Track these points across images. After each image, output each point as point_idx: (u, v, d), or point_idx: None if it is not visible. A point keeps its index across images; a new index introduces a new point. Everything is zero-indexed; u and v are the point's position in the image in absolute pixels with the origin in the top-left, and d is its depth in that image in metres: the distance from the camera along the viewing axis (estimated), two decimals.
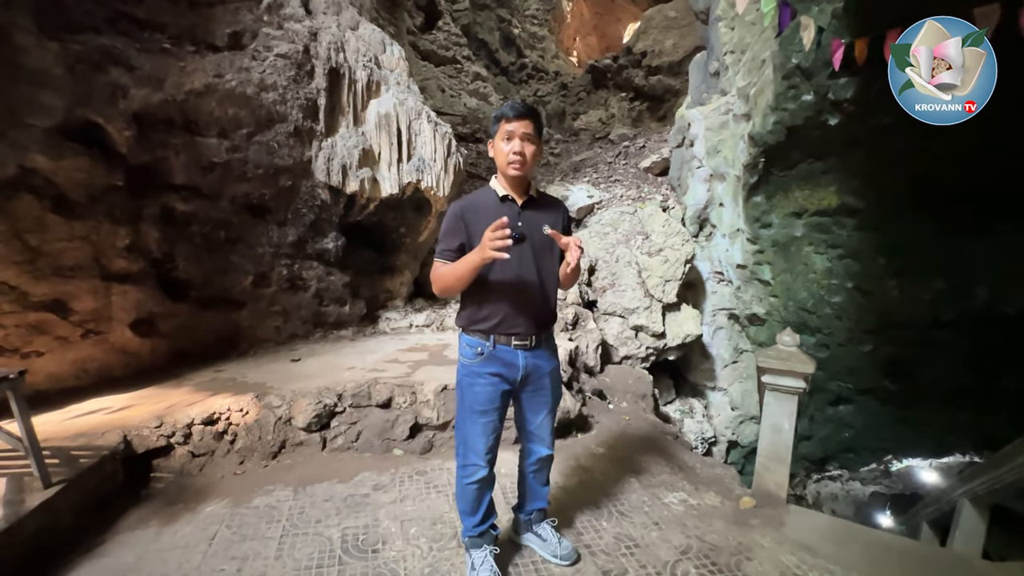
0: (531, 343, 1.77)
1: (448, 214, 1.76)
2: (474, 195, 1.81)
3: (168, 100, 3.07)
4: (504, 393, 1.80)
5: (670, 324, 5.30)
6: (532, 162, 1.70)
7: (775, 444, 2.66)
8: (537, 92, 13.49)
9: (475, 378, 1.78)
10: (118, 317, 3.24)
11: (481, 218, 1.68)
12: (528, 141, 1.66)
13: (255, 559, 2.12)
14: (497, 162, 1.73)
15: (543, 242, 1.73)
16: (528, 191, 1.77)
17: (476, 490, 1.87)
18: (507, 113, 1.66)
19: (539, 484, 2.06)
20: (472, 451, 1.83)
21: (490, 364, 1.76)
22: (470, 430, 1.82)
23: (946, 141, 3.76)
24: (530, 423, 1.93)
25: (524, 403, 1.90)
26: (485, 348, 1.75)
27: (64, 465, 2.33)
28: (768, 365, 2.58)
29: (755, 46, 5.38)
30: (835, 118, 4.31)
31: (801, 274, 5.26)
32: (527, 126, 1.66)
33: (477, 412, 1.79)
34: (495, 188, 1.76)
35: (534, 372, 1.82)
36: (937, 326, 4.68)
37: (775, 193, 5.23)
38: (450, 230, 1.73)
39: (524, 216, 1.73)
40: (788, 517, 2.49)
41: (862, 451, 5.83)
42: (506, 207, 1.72)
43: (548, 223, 1.73)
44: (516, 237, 1.65)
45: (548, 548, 2.06)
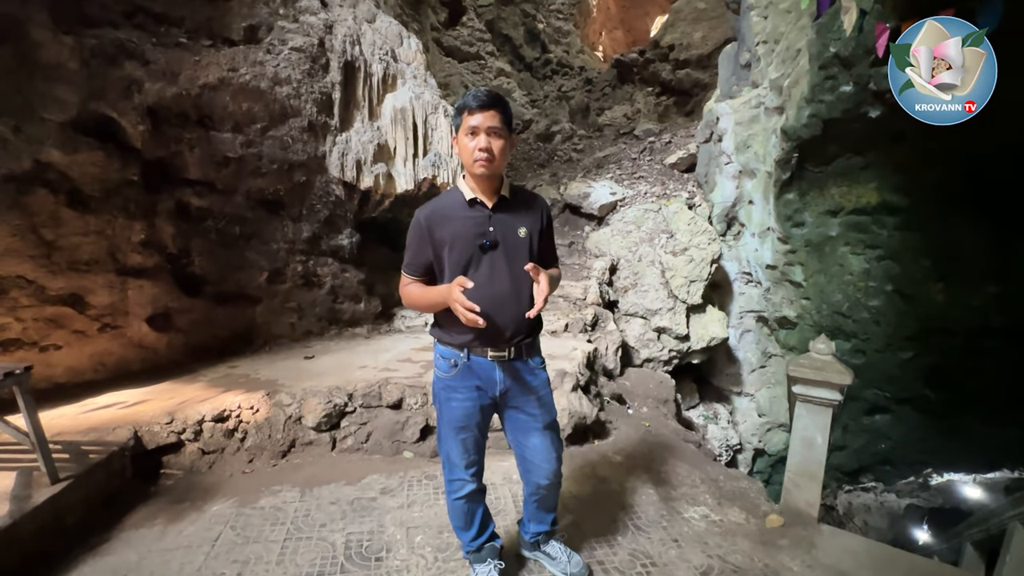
0: (509, 355, 1.60)
1: (412, 223, 1.60)
2: (440, 199, 1.63)
3: (182, 94, 3.05)
4: (484, 407, 1.67)
5: (694, 326, 5.10)
6: (501, 158, 1.50)
7: (806, 460, 2.48)
8: (561, 87, 13.30)
9: (451, 392, 1.65)
10: (134, 312, 3.26)
11: (447, 225, 1.53)
12: (495, 135, 1.46)
13: (256, 563, 2.07)
14: (463, 160, 1.54)
15: (519, 245, 1.57)
16: (499, 191, 1.58)
17: (465, 504, 1.77)
18: (469, 104, 1.46)
19: (542, 510, 1.89)
20: (455, 467, 1.72)
21: (466, 378, 1.62)
22: (451, 447, 1.70)
23: (1000, 134, 3.46)
24: (521, 447, 1.75)
25: (509, 423, 1.74)
26: (459, 360, 1.61)
27: (73, 460, 2.32)
28: (800, 375, 2.39)
29: (790, 35, 5.12)
30: (876, 110, 4.04)
31: (836, 276, 4.99)
32: (493, 118, 1.45)
33: (456, 428, 1.67)
34: (462, 190, 1.57)
35: (515, 387, 1.65)
36: (987, 333, 4.37)
37: (809, 190, 4.97)
38: (413, 244, 1.58)
39: (496, 220, 1.55)
40: (819, 539, 2.31)
41: (899, 463, 5.51)
42: (475, 211, 1.55)
43: (525, 224, 1.58)
44: (487, 244, 1.53)
45: (558, 566, 1.93)
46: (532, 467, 1.76)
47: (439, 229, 1.54)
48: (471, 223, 1.54)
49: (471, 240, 1.52)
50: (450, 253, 1.54)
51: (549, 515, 1.91)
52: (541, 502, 1.85)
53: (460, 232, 1.53)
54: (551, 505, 1.89)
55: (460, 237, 1.53)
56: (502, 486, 2.64)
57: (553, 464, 1.75)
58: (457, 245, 1.53)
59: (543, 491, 1.80)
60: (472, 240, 1.52)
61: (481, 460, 1.77)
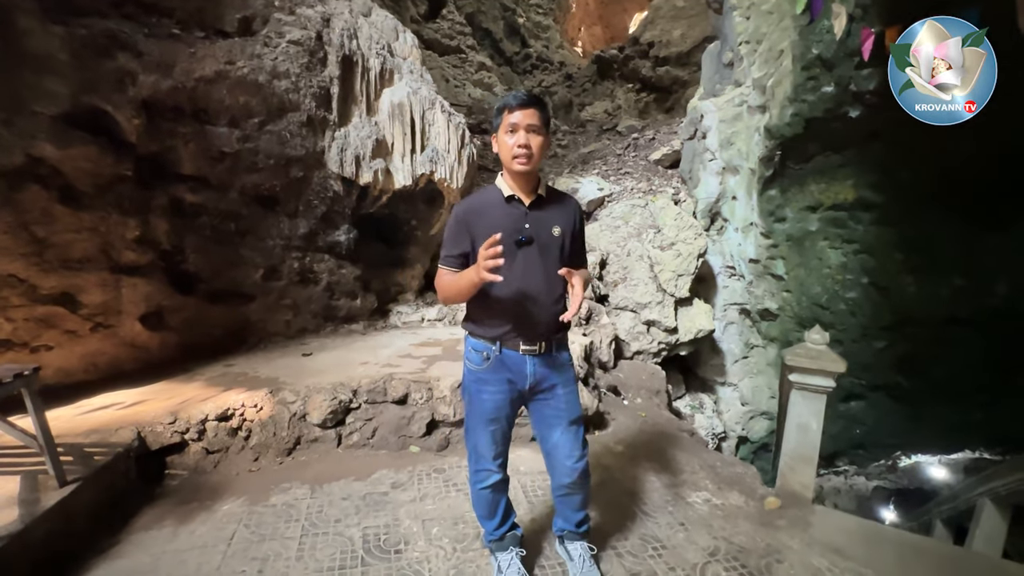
0: (540, 349, 1.65)
1: (450, 218, 1.65)
2: (478, 195, 1.69)
3: (178, 87, 2.97)
4: (513, 400, 1.71)
5: (682, 319, 5.25)
6: (539, 155, 1.56)
7: (802, 444, 2.62)
8: (542, 82, 13.33)
9: (482, 385, 1.69)
10: (127, 310, 3.18)
11: (485, 220, 1.58)
12: (534, 132, 1.52)
13: (276, 560, 2.08)
14: (501, 157, 1.58)
15: (552, 243, 1.62)
16: (536, 189, 1.63)
17: (491, 494, 1.81)
18: (510, 103, 1.53)
19: (569, 509, 1.90)
20: (483, 458, 1.77)
21: (497, 371, 1.66)
22: (479, 438, 1.74)
23: (975, 135, 3.67)
24: (546, 441, 1.79)
25: (535, 415, 1.78)
26: (492, 353, 1.66)
27: (78, 463, 2.27)
28: (797, 363, 2.52)
29: (772, 36, 5.27)
30: (856, 110, 4.23)
31: (815, 269, 5.20)
32: (533, 116, 1.51)
33: (486, 421, 1.71)
34: (500, 187, 1.62)
35: (544, 380, 1.70)
36: (954, 323, 4.63)
37: (790, 187, 5.16)
38: (452, 236, 1.63)
39: (532, 217, 1.60)
40: (814, 518, 2.45)
41: (872, 447, 5.81)
42: (512, 208, 1.60)
43: (559, 223, 1.63)
44: (523, 240, 1.58)
45: (573, 570, 1.92)
46: (556, 464, 1.79)
47: (477, 224, 1.59)
48: (508, 219, 1.58)
49: (507, 235, 1.55)
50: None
51: (575, 515, 1.90)
52: (566, 500, 1.87)
53: (497, 226, 1.56)
54: (577, 505, 1.88)
55: (497, 231, 1.54)
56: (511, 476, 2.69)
57: (576, 462, 1.75)
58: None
59: (566, 489, 1.82)
60: (508, 236, 1.56)
61: (507, 451, 1.81)
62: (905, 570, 2.06)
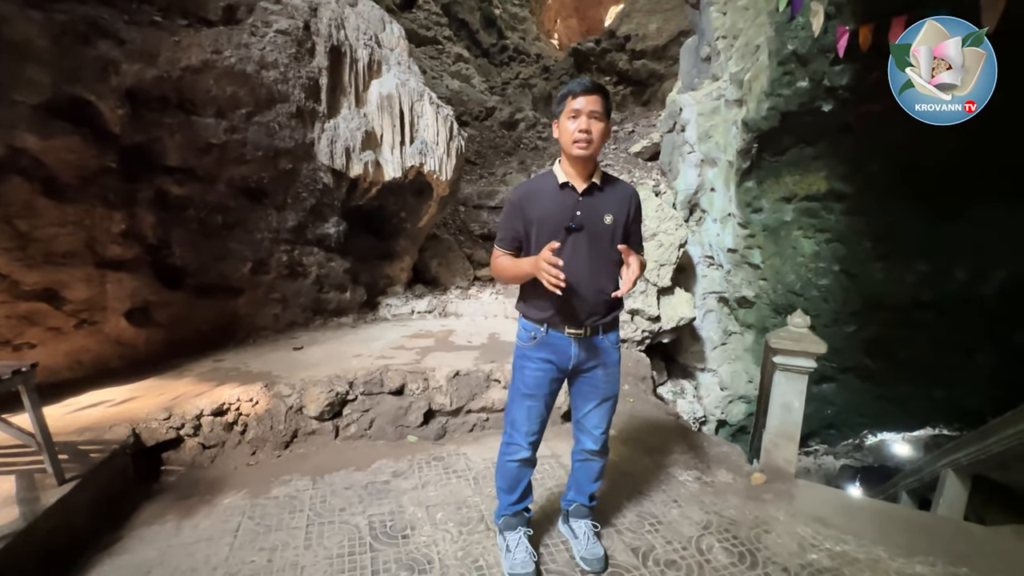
0: (585, 332, 1.73)
1: (508, 202, 1.73)
2: (533, 181, 1.75)
3: (163, 77, 2.90)
4: (553, 380, 1.79)
5: (665, 308, 5.40)
6: (600, 141, 1.60)
7: (785, 422, 2.76)
8: (519, 75, 13.33)
9: (526, 361, 1.78)
10: (112, 306, 3.10)
11: (538, 205, 1.66)
12: (596, 119, 1.57)
13: (284, 549, 2.10)
14: (562, 142, 1.64)
15: (602, 231, 1.66)
16: (591, 176, 1.67)
17: (516, 468, 1.88)
18: (574, 89, 1.58)
19: (585, 479, 2.00)
20: (517, 431, 1.84)
21: (541, 349, 1.75)
22: (516, 411, 1.83)
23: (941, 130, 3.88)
24: (578, 410, 1.90)
25: (574, 390, 1.89)
26: (538, 333, 1.74)
27: (74, 460, 2.24)
28: (780, 346, 2.66)
29: (748, 31, 5.42)
30: (829, 104, 4.41)
31: (790, 258, 5.42)
32: (596, 103, 1.56)
33: (524, 395, 1.80)
34: (556, 174, 1.68)
35: (586, 361, 1.78)
36: (918, 307, 4.91)
37: (766, 178, 5.34)
38: (507, 219, 1.72)
39: (583, 204, 1.65)
40: (798, 491, 2.60)
41: (843, 427, 6.11)
42: (565, 195, 1.66)
43: (611, 211, 1.67)
44: (573, 227, 1.64)
45: (577, 547, 2.00)
46: (583, 429, 1.90)
47: (531, 208, 1.66)
48: (560, 205, 1.64)
49: (558, 221, 1.63)
50: (538, 231, 1.65)
51: (590, 487, 2.00)
52: (585, 468, 1.98)
53: (549, 212, 1.64)
54: (594, 475, 1.98)
55: (549, 217, 1.64)
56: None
57: (602, 432, 1.89)
58: (546, 224, 1.64)
59: (588, 455, 1.94)
60: (559, 221, 1.63)
61: (541, 433, 1.87)
62: (882, 534, 2.22)
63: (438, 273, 5.05)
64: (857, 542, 2.16)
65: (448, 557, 2.04)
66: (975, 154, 4.01)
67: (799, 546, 2.14)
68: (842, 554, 2.09)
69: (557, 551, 2.08)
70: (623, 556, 2.05)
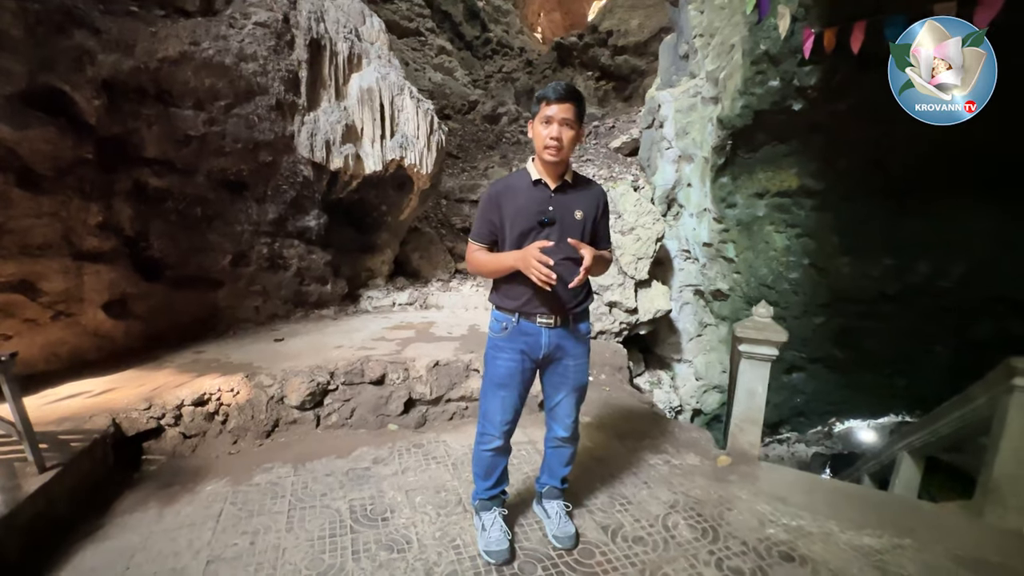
0: (556, 322, 1.79)
1: (484, 196, 1.79)
2: (509, 177, 1.82)
3: (140, 68, 2.88)
4: (525, 370, 1.85)
5: (642, 300, 5.54)
6: (569, 148, 1.67)
7: (749, 408, 2.90)
8: (502, 68, 13.33)
9: (498, 352, 1.84)
10: (90, 298, 3.10)
11: (513, 200, 1.73)
12: (567, 126, 1.63)
13: (266, 532, 2.16)
14: (535, 145, 1.71)
15: (572, 227, 1.73)
16: (563, 175, 1.75)
17: (491, 457, 1.95)
18: (548, 95, 1.63)
19: (557, 463, 2.08)
20: (490, 422, 1.91)
21: (514, 340, 1.81)
22: (490, 402, 1.89)
23: (907, 129, 4.05)
24: (550, 399, 1.97)
25: (545, 380, 1.95)
26: (510, 323, 1.80)
27: (55, 450, 2.26)
28: (745, 335, 2.79)
29: (724, 30, 5.55)
30: (799, 103, 4.56)
31: (762, 252, 5.59)
32: (568, 111, 1.62)
33: (496, 385, 1.85)
34: (530, 171, 1.75)
35: (557, 351, 1.84)
36: (883, 299, 5.12)
37: (740, 175, 5.50)
38: (483, 213, 1.78)
39: (556, 200, 1.73)
40: (761, 472, 2.73)
41: (811, 415, 6.34)
42: (538, 191, 1.73)
43: (581, 207, 1.75)
44: (546, 221, 1.71)
45: (550, 526, 2.09)
46: (556, 418, 1.98)
47: (506, 203, 1.73)
48: (534, 201, 1.72)
49: (532, 216, 1.70)
50: (512, 225, 1.72)
51: (561, 471, 2.09)
52: (557, 453, 2.06)
53: (523, 207, 1.71)
54: (565, 460, 2.07)
55: (523, 212, 1.71)
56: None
57: (572, 419, 1.97)
58: (519, 219, 1.71)
59: (559, 442, 2.02)
60: (533, 216, 1.70)
61: (514, 423, 1.94)
62: (835, 510, 2.37)
63: (419, 266, 5.10)
64: (812, 517, 2.30)
65: (426, 537, 2.12)
66: (936, 155, 4.20)
67: (759, 522, 2.27)
68: (797, 528, 2.23)
69: (532, 530, 2.17)
70: (593, 534, 2.15)
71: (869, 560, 2.03)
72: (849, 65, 3.85)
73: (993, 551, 2.09)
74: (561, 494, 2.17)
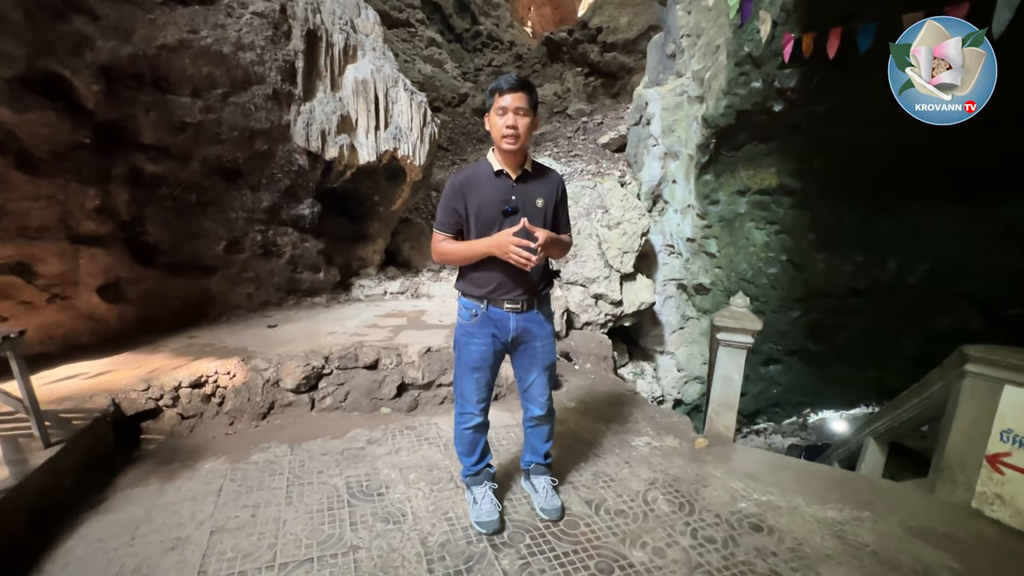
0: (522, 307, 1.89)
1: (448, 187, 1.85)
2: (471, 168, 1.89)
3: (138, 55, 2.91)
4: (496, 352, 1.96)
5: (627, 293, 5.70)
6: (526, 135, 1.73)
7: (725, 393, 3.07)
8: (492, 61, 13.35)
9: (470, 338, 1.93)
10: (85, 282, 3.13)
11: (477, 191, 1.80)
12: (521, 115, 1.70)
13: (267, 506, 2.25)
14: (492, 136, 1.78)
15: (535, 214, 1.81)
16: (523, 164, 1.82)
17: (472, 434, 2.07)
18: (501, 87, 1.70)
19: (537, 440, 2.19)
20: (467, 402, 2.02)
21: (484, 325, 1.90)
22: (465, 385, 2.00)
23: (878, 132, 4.25)
24: (523, 381, 2.08)
25: (516, 363, 2.06)
26: (479, 310, 1.89)
27: (57, 427, 2.32)
28: (723, 324, 2.95)
29: (710, 31, 5.70)
30: (779, 104, 4.74)
31: (743, 247, 5.79)
32: (520, 99, 1.69)
33: (471, 368, 1.96)
34: (491, 162, 1.81)
35: (524, 334, 1.94)
36: (854, 294, 5.35)
37: (723, 172, 5.67)
38: (447, 203, 1.83)
39: (518, 190, 1.80)
40: (735, 453, 2.91)
41: (787, 405, 6.59)
42: (500, 181, 1.79)
43: (542, 195, 1.85)
44: (510, 210, 1.80)
45: (537, 500, 2.20)
46: (530, 399, 2.09)
47: (471, 193, 1.80)
48: (497, 191, 1.80)
49: (496, 205, 1.79)
50: (477, 215, 1.80)
51: (543, 446, 2.20)
52: (535, 431, 2.18)
53: (487, 197, 1.79)
54: (544, 436, 2.19)
55: (487, 202, 1.79)
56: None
57: (546, 397, 2.08)
58: (484, 208, 1.79)
59: (537, 421, 2.14)
60: (497, 205, 1.79)
61: (489, 398, 2.07)
62: (802, 487, 2.55)
63: (410, 256, 5.18)
64: (781, 493, 2.48)
65: (420, 510, 2.24)
66: (906, 156, 4.41)
67: (731, 497, 2.44)
68: (767, 503, 2.40)
69: (520, 504, 2.31)
70: (578, 507, 2.30)
71: (831, 530, 2.21)
72: (826, 70, 4.03)
73: (941, 522, 2.29)
74: (547, 469, 2.30)
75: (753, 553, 2.04)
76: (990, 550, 2.14)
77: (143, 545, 2.00)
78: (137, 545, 2.00)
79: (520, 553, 1.99)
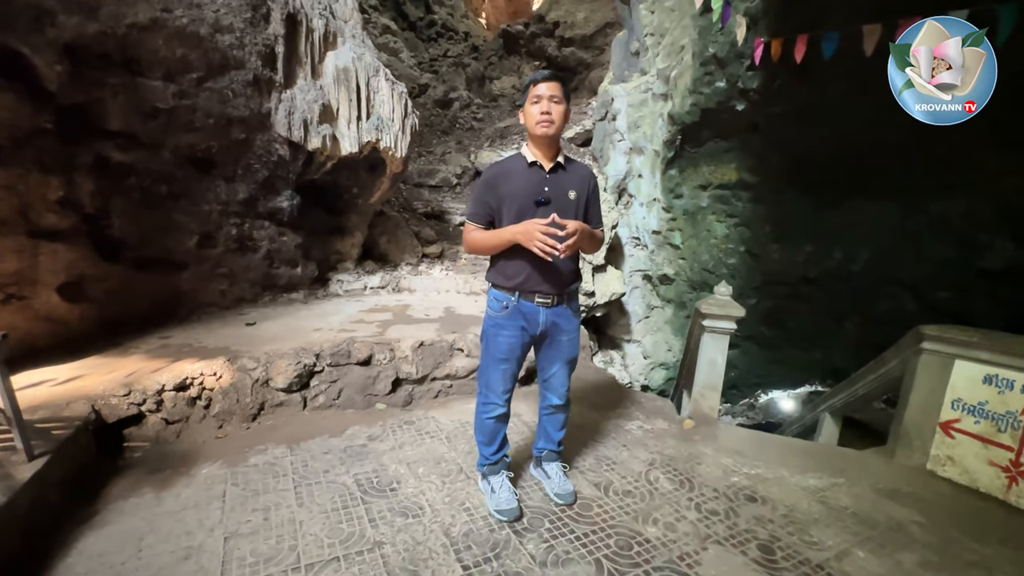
0: (552, 301, 1.92)
1: (482, 179, 1.90)
2: (505, 161, 1.94)
3: (106, 32, 2.66)
4: (524, 344, 2.01)
5: (599, 284, 5.88)
6: (561, 122, 1.80)
7: (710, 376, 3.27)
8: (448, 52, 13.18)
9: (499, 329, 1.97)
10: (44, 280, 2.86)
11: (510, 182, 1.85)
12: (555, 102, 1.77)
13: (278, 508, 2.20)
14: (527, 124, 1.82)
15: (567, 206, 1.85)
16: (556, 157, 1.87)
17: (494, 424, 2.12)
18: (536, 78, 1.79)
19: (552, 428, 2.25)
20: (492, 392, 2.06)
21: (513, 318, 1.94)
22: (492, 375, 2.04)
23: (827, 132, 4.62)
24: (545, 372, 2.15)
25: (540, 354, 2.11)
26: (510, 303, 1.93)
27: (36, 438, 2.14)
28: (708, 311, 3.14)
29: (674, 31, 5.94)
30: (741, 104, 5.03)
31: (705, 239, 6.11)
32: (555, 88, 1.77)
33: (498, 360, 2.00)
34: (524, 154, 1.86)
35: (552, 328, 1.98)
36: (805, 282, 5.80)
37: (686, 167, 5.96)
38: (480, 195, 1.88)
39: (550, 181, 1.84)
40: (720, 432, 3.12)
41: (743, 387, 7.05)
42: (533, 172, 1.84)
43: (574, 187, 1.90)
44: (542, 201, 1.84)
45: (550, 486, 2.26)
46: (550, 388, 2.16)
47: (503, 185, 1.84)
48: (530, 182, 1.84)
49: (529, 196, 1.83)
50: (510, 206, 1.84)
51: (557, 434, 2.27)
52: (552, 419, 2.25)
53: (520, 188, 1.83)
54: (559, 424, 2.26)
55: (520, 192, 1.83)
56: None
57: (565, 388, 2.16)
58: (517, 199, 1.83)
59: (553, 410, 2.22)
60: (529, 196, 1.83)
61: (513, 389, 2.11)
62: (783, 459, 2.78)
63: (387, 250, 5.08)
64: (766, 466, 2.69)
65: (437, 503, 2.26)
66: (849, 155, 4.81)
67: (724, 472, 2.62)
68: (756, 475, 2.60)
69: (533, 491, 2.37)
70: (588, 490, 2.40)
71: (815, 496, 2.44)
72: (787, 73, 4.32)
73: (904, 483, 2.58)
74: (558, 456, 2.38)
75: (753, 521, 2.22)
76: (947, 504, 2.44)
77: (152, 556, 1.90)
78: (146, 557, 1.90)
79: (543, 537, 2.06)
